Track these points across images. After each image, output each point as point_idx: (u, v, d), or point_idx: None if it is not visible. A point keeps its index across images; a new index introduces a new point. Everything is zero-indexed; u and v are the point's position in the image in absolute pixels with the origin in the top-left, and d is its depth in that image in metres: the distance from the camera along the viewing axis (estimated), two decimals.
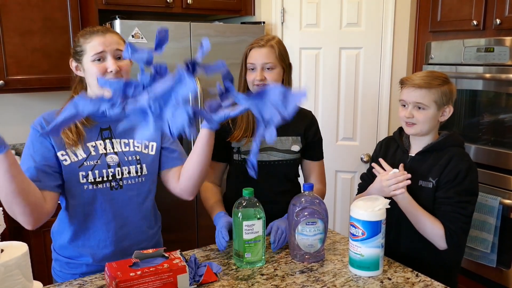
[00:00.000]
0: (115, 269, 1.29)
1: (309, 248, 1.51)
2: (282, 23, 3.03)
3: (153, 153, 1.60)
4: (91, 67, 1.46)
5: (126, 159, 1.54)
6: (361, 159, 3.00)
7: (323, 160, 1.94)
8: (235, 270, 1.47)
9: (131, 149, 1.56)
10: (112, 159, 1.52)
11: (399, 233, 1.64)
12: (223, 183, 1.92)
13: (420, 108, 1.54)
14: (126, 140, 1.57)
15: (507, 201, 2.39)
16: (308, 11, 2.99)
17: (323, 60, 3.02)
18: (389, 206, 1.45)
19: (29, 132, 1.53)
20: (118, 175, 1.52)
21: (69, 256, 1.55)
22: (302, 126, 1.83)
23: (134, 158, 1.55)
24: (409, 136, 1.65)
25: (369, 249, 1.41)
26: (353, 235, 1.44)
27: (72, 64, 1.53)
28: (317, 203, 1.52)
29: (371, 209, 1.41)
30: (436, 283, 1.38)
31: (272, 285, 1.37)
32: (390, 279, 1.41)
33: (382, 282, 1.39)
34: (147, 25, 2.51)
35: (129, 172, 1.54)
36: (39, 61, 2.57)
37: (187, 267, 1.34)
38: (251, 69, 1.73)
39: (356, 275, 1.43)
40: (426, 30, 2.85)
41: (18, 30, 2.49)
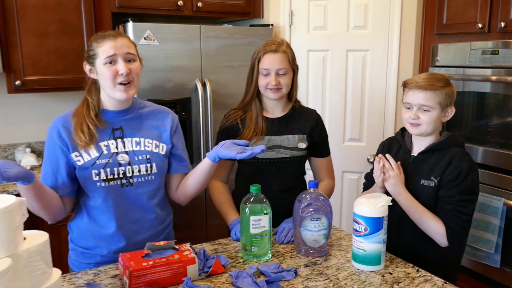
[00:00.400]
0: (129, 259, 1.36)
1: (314, 243, 1.57)
2: (290, 26, 3.09)
3: (163, 153, 1.67)
4: (104, 70, 1.54)
5: (137, 158, 1.61)
6: (368, 160, 3.04)
7: (330, 156, 2.00)
8: (242, 263, 1.53)
9: (142, 149, 1.63)
10: (123, 158, 1.60)
11: (401, 231, 1.69)
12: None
13: (425, 110, 1.59)
14: (138, 139, 1.64)
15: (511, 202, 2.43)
16: (316, 14, 3.05)
17: (331, 62, 3.07)
18: (391, 204, 1.50)
19: (47, 136, 1.61)
20: (129, 173, 1.60)
21: (85, 247, 1.63)
22: (308, 125, 1.89)
23: (145, 157, 1.62)
24: (411, 136, 1.71)
25: (371, 245, 1.46)
26: (356, 231, 1.49)
27: (86, 67, 1.61)
28: (322, 200, 1.58)
29: (374, 206, 1.46)
30: (436, 278, 1.43)
31: None
32: (391, 274, 1.46)
33: (384, 277, 1.44)
34: (159, 28, 2.58)
35: (139, 171, 1.61)
36: (54, 62, 2.65)
37: (197, 259, 1.40)
38: (264, 74, 1.79)
39: (359, 270, 1.49)
40: (432, 33, 2.90)
41: (35, 33, 2.57)
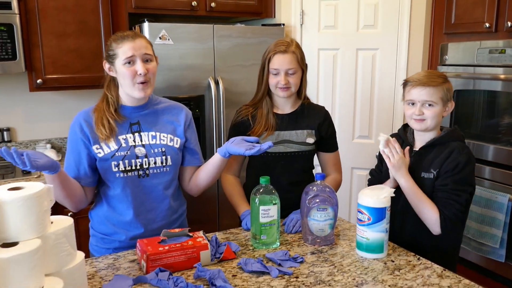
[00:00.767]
0: (146, 244, 1.46)
1: (320, 232, 1.65)
2: (301, 25, 3.17)
3: (177, 146, 1.77)
4: (123, 70, 1.63)
5: (153, 151, 1.71)
6: (376, 157, 3.10)
7: (338, 151, 2.07)
8: (252, 250, 1.62)
9: (157, 142, 1.73)
10: (140, 151, 1.70)
11: (404, 223, 1.76)
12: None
13: (429, 105, 1.66)
14: (154, 133, 1.74)
15: None
16: (326, 13, 3.12)
17: (341, 61, 3.15)
18: (394, 195, 1.58)
19: (69, 130, 1.72)
20: (145, 165, 1.70)
21: (104, 233, 1.74)
22: (316, 121, 1.97)
23: (160, 150, 1.72)
24: (413, 132, 1.78)
25: (374, 233, 1.54)
26: (360, 221, 1.57)
27: (106, 66, 1.70)
28: (328, 191, 1.66)
29: (377, 197, 1.54)
30: (436, 266, 1.50)
31: None
32: (393, 261, 1.54)
33: (386, 264, 1.52)
34: (174, 28, 2.68)
35: (155, 163, 1.71)
36: (73, 61, 2.77)
37: (209, 245, 1.49)
38: (274, 74, 1.88)
39: (362, 257, 1.57)
40: (441, 32, 2.95)
41: (55, 33, 2.69)
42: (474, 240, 2.66)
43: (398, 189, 1.69)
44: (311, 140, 1.95)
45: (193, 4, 2.92)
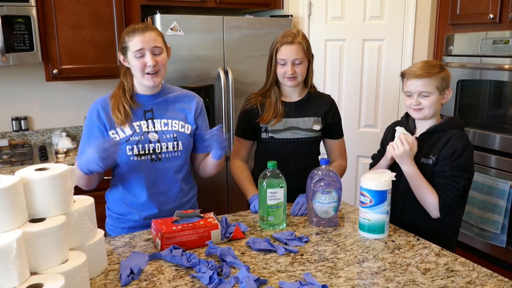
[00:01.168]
0: (160, 224, 1.56)
1: (324, 214, 1.73)
2: (309, 16, 3.23)
3: (188, 132, 1.86)
4: (134, 62, 1.74)
5: (165, 137, 1.81)
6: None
7: (343, 138, 2.15)
8: (260, 231, 1.71)
9: (170, 128, 1.83)
10: (153, 136, 1.80)
11: (404, 207, 1.84)
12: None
13: (425, 96, 1.73)
14: (166, 120, 1.84)
15: None
16: (334, 5, 3.18)
17: (347, 51, 3.21)
18: (395, 179, 1.66)
19: (86, 116, 1.82)
20: (158, 150, 1.80)
21: (119, 213, 1.85)
22: (322, 109, 2.05)
23: (172, 136, 1.82)
24: (415, 120, 1.85)
25: (376, 215, 1.62)
26: (362, 203, 1.65)
27: (120, 57, 1.81)
28: (332, 175, 1.74)
29: (379, 181, 1.62)
30: (434, 246, 1.59)
31: None
32: (394, 241, 1.62)
33: (386, 243, 1.61)
34: (184, 19, 2.76)
35: (167, 148, 1.81)
36: (88, 52, 2.87)
37: (219, 225, 1.59)
38: (282, 64, 1.96)
39: (364, 237, 1.65)
40: (446, 23, 3.00)
41: (70, 25, 2.79)
42: (476, 226, 2.74)
43: (399, 175, 1.77)
44: (318, 127, 2.03)
45: None
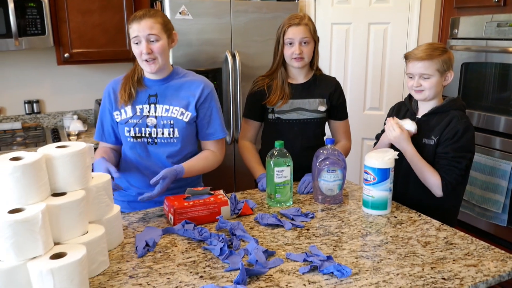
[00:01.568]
0: (173, 200, 1.64)
1: (329, 192, 1.80)
2: (315, 0, 3.26)
3: (187, 120, 1.87)
4: (133, 48, 1.81)
5: (162, 123, 1.86)
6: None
7: (348, 120, 2.21)
8: (267, 208, 1.79)
9: (169, 115, 1.86)
10: (151, 121, 1.86)
11: (407, 185, 1.90)
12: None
13: (426, 77, 1.78)
14: (168, 106, 1.87)
15: None
16: None
17: (353, 35, 3.25)
18: (397, 157, 1.72)
19: (102, 95, 1.93)
20: (154, 135, 1.86)
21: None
22: (327, 90, 2.11)
23: (169, 123, 1.86)
24: (417, 101, 1.91)
25: (379, 192, 1.69)
26: (366, 180, 1.72)
27: (130, 43, 1.86)
28: (337, 155, 1.81)
29: (382, 159, 1.68)
30: (435, 221, 1.66)
31: None
32: (396, 217, 1.69)
33: (389, 219, 1.68)
34: (193, 3, 2.80)
35: (163, 134, 1.86)
36: (98, 36, 2.93)
37: (229, 201, 1.66)
38: (289, 44, 2.01)
39: (368, 214, 1.72)
40: (451, 6, 3.02)
41: (80, 9, 2.84)
42: (478, 206, 2.80)
43: (401, 155, 1.83)
44: (323, 108, 2.09)
45: None
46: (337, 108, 2.15)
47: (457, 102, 1.85)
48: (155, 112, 1.85)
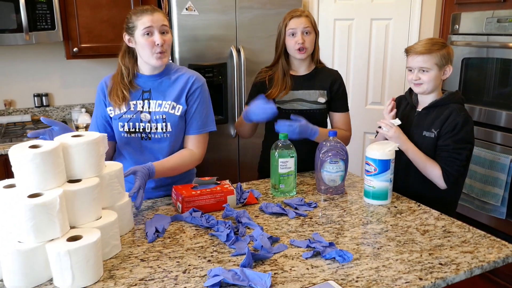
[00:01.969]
0: (181, 189, 1.70)
1: (332, 183, 1.86)
2: None
3: (178, 114, 1.87)
4: (142, 41, 1.78)
5: (155, 118, 1.86)
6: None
7: (349, 113, 2.25)
8: (272, 197, 1.85)
9: (161, 110, 1.86)
10: (145, 117, 1.87)
11: (407, 177, 1.96)
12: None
13: (424, 71, 1.84)
14: (160, 101, 1.87)
15: None
16: None
17: (355, 31, 3.30)
18: (398, 149, 1.78)
19: (96, 90, 1.95)
20: (148, 130, 1.88)
21: None
22: (328, 82, 2.16)
23: (161, 117, 1.86)
24: (417, 95, 1.96)
25: (380, 182, 1.75)
26: (367, 171, 1.78)
27: (125, 37, 1.84)
28: (339, 146, 1.87)
29: (383, 150, 1.74)
30: (433, 211, 1.72)
31: None
32: (396, 207, 1.75)
33: (389, 209, 1.74)
34: None
35: (156, 128, 1.87)
36: (106, 31, 2.98)
37: (235, 191, 1.72)
38: (292, 35, 2.07)
39: (369, 204, 1.79)
40: (452, 2, 3.07)
41: (89, 5, 2.90)
42: (478, 199, 2.85)
43: (401, 150, 1.88)
44: (322, 100, 2.14)
45: None
46: (337, 100, 2.19)
47: (456, 96, 1.90)
48: (149, 108, 1.86)
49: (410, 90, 2.02)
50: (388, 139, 1.89)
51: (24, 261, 1.18)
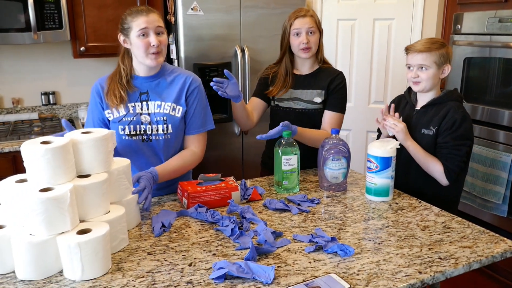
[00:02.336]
0: (186, 185, 1.74)
1: (334, 180, 1.90)
2: None
3: (179, 116, 1.89)
4: (137, 41, 1.77)
5: (156, 119, 1.87)
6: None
7: (341, 115, 2.19)
8: (275, 194, 1.89)
9: (161, 111, 1.87)
10: (145, 119, 1.88)
11: (408, 174, 1.99)
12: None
13: (423, 69, 1.88)
14: (159, 103, 1.87)
15: None
16: None
17: (358, 31, 3.33)
18: (399, 147, 1.81)
19: (90, 92, 1.93)
20: (149, 131, 1.88)
21: None
22: (327, 81, 2.16)
23: (162, 119, 1.87)
24: (416, 94, 2.00)
25: (381, 179, 1.78)
26: (369, 168, 1.81)
27: (121, 38, 1.84)
28: (342, 144, 1.90)
29: (384, 148, 1.78)
30: (434, 208, 1.75)
31: None
32: (397, 204, 1.79)
33: (390, 205, 1.77)
34: None
35: (157, 130, 1.87)
36: (112, 30, 3.00)
37: (239, 187, 1.76)
38: (296, 34, 2.11)
39: (370, 200, 1.82)
40: (455, 2, 3.10)
41: (96, 4, 2.95)
42: (479, 197, 2.88)
43: (401, 147, 1.91)
44: (318, 100, 2.17)
45: None
46: (331, 98, 2.16)
47: (454, 94, 1.94)
48: (148, 109, 1.86)
49: (409, 89, 2.05)
50: (395, 134, 1.92)
51: (36, 253, 1.22)
